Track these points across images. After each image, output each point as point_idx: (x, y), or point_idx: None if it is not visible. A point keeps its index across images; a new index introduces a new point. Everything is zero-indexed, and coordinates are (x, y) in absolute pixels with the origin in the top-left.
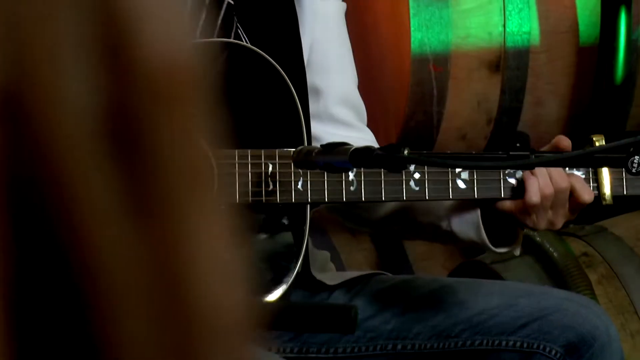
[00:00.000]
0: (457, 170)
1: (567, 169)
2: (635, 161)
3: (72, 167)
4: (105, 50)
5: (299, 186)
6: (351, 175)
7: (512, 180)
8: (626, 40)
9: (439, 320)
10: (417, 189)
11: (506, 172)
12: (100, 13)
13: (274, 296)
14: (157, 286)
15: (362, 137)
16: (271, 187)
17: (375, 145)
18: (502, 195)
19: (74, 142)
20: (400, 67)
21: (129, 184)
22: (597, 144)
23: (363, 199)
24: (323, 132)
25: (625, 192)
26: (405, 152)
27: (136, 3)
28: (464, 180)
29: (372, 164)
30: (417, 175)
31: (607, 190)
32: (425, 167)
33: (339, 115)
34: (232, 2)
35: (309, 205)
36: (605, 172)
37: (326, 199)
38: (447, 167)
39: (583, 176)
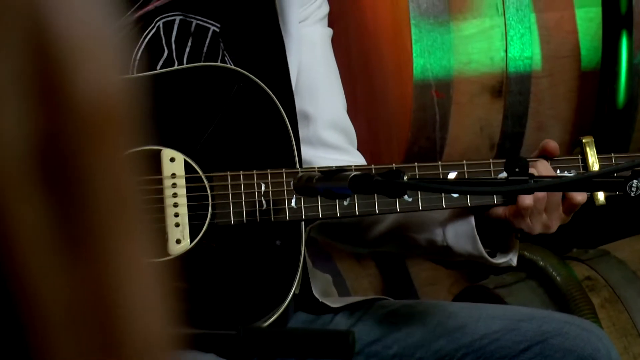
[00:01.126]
0: (450, 178)
1: (557, 170)
2: (634, 185)
3: (4, 200)
4: (39, 87)
5: (293, 204)
6: None
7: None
8: (628, 64)
9: (441, 345)
10: (410, 200)
11: (498, 176)
12: (36, 51)
13: (272, 317)
14: (87, 312)
15: (352, 160)
16: (265, 206)
17: None
18: (495, 202)
19: (6, 175)
20: (402, 93)
21: (60, 215)
22: (586, 146)
23: (357, 212)
24: (314, 157)
25: (617, 192)
26: (405, 178)
27: (71, 42)
28: None
29: (371, 190)
30: (415, 190)
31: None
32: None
33: (330, 140)
34: (217, 30)
35: (303, 223)
36: None
37: (320, 215)
38: (446, 192)
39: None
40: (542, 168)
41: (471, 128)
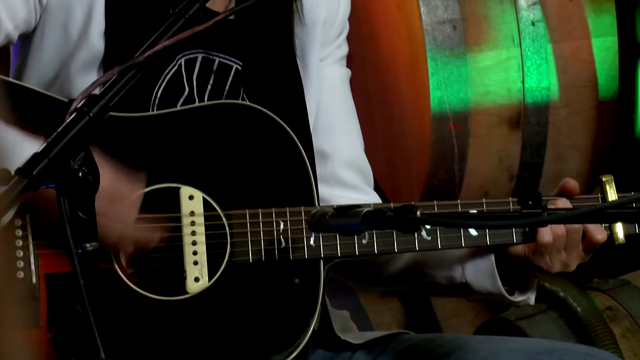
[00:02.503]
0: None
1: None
2: None
3: None
4: None
5: (311, 242)
6: None
7: None
8: None
9: None
10: (429, 238)
11: None
12: None
13: (292, 355)
14: None
15: (368, 199)
16: (283, 244)
17: None
18: (515, 240)
19: None
20: (420, 126)
21: None
22: (606, 185)
23: (376, 251)
24: (331, 195)
25: (637, 231)
26: (418, 213)
27: None
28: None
29: (384, 225)
30: (428, 225)
31: (619, 229)
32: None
33: (346, 178)
34: (239, 68)
35: (322, 261)
36: None
37: (339, 254)
38: (459, 227)
39: None
40: (562, 205)
41: (490, 160)
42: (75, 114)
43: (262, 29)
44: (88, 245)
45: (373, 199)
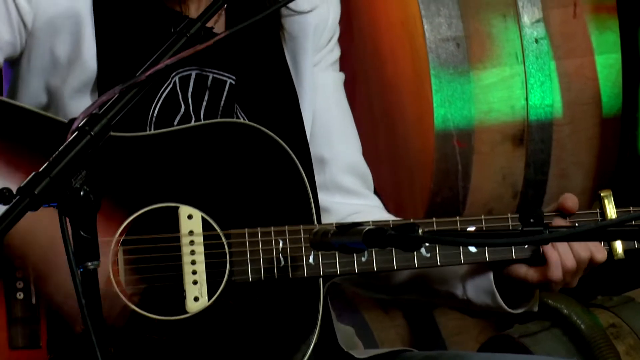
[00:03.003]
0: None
1: (577, 224)
2: None
3: None
4: None
5: (311, 260)
6: None
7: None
8: None
9: None
10: (428, 255)
11: None
12: None
13: None
14: None
15: (370, 204)
16: (283, 263)
17: (383, 211)
18: (514, 257)
19: None
20: (424, 143)
21: None
22: (605, 200)
23: (375, 269)
24: (331, 203)
25: (636, 245)
26: (419, 231)
27: None
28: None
29: (386, 244)
30: (430, 244)
31: (618, 244)
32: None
33: (346, 184)
34: (233, 83)
35: (321, 279)
36: None
37: (338, 272)
38: (460, 245)
39: None
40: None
41: (493, 177)
42: (76, 133)
43: (253, 42)
44: (90, 264)
45: (374, 202)
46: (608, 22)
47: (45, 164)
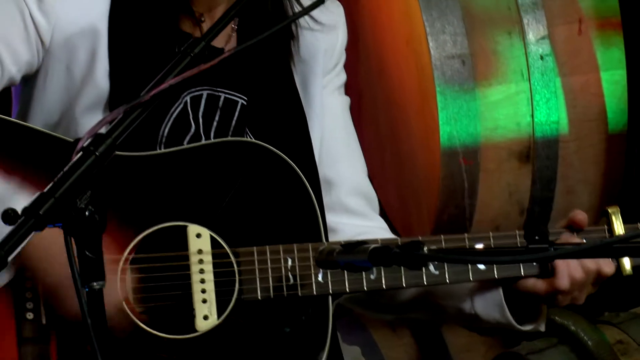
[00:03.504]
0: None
1: (584, 239)
2: None
3: None
4: None
5: (320, 278)
6: None
7: None
8: None
9: None
10: (436, 272)
11: None
12: None
13: None
14: None
15: (375, 225)
16: (292, 281)
17: (389, 232)
18: (522, 274)
19: None
20: (430, 161)
21: None
22: (612, 216)
23: (384, 286)
24: (337, 224)
25: None
26: (425, 249)
27: None
28: None
29: (391, 262)
30: (435, 262)
31: (626, 261)
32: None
33: (352, 205)
34: (245, 103)
35: (330, 297)
36: None
37: (347, 289)
38: (466, 263)
39: None
40: (567, 240)
41: (500, 194)
42: (81, 153)
43: (264, 64)
44: (95, 284)
45: (379, 224)
46: (613, 39)
47: (50, 184)
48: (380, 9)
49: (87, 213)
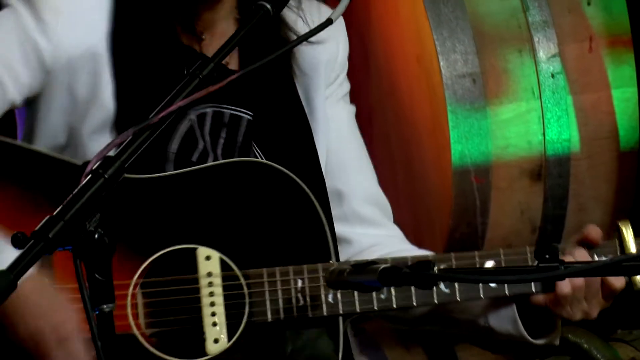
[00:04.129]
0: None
1: (594, 255)
2: None
3: None
4: None
5: (330, 299)
6: None
7: None
8: None
9: None
10: (447, 291)
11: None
12: None
13: None
14: None
15: (390, 234)
16: (302, 302)
17: (404, 241)
18: (534, 290)
19: None
20: (442, 180)
21: None
22: (623, 230)
23: (394, 305)
24: (352, 234)
25: None
26: (435, 269)
27: None
28: None
29: (401, 282)
30: (445, 281)
31: (638, 276)
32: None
33: (366, 214)
34: (250, 119)
35: (341, 317)
36: None
37: (357, 309)
38: (475, 282)
39: None
40: (579, 256)
41: (512, 212)
42: (90, 176)
43: (267, 79)
44: (105, 306)
45: (394, 232)
46: (624, 56)
47: (59, 208)
48: (391, 28)
49: (96, 236)
